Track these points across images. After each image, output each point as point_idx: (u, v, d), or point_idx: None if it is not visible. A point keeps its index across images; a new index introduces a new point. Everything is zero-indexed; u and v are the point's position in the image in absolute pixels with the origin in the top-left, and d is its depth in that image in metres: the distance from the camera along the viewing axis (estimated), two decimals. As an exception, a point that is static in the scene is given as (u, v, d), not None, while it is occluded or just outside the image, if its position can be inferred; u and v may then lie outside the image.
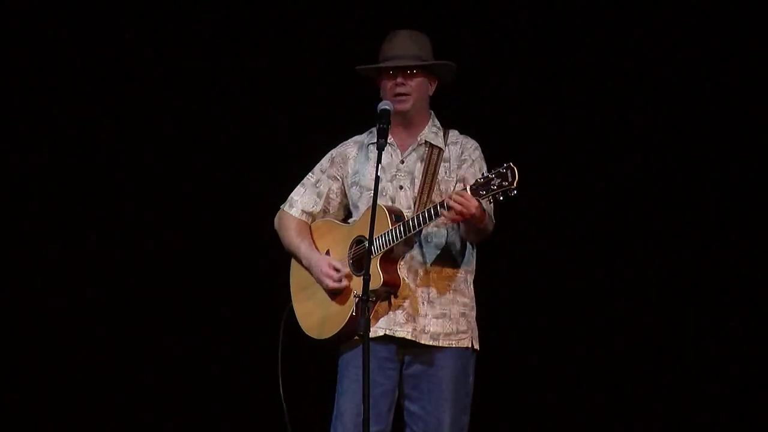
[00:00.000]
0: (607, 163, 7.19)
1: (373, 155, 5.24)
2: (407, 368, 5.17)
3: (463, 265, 5.21)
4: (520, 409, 7.15)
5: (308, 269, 5.29)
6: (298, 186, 5.44)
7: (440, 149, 5.24)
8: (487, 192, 4.84)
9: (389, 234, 5.05)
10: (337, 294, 5.21)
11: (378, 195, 4.98)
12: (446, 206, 4.90)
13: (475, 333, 5.23)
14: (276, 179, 5.81)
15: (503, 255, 6.58)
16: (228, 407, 7.30)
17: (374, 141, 5.24)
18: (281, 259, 5.45)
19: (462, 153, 5.25)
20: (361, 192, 5.28)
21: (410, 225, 5.02)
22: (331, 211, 5.40)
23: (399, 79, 5.18)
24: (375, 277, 5.00)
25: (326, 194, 5.38)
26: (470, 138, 5.32)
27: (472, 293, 5.26)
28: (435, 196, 5.16)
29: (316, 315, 5.26)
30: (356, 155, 5.36)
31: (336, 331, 5.17)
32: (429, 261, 5.16)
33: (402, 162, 5.26)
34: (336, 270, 5.17)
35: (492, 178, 4.83)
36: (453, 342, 5.16)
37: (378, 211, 4.99)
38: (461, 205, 4.88)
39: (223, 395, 7.30)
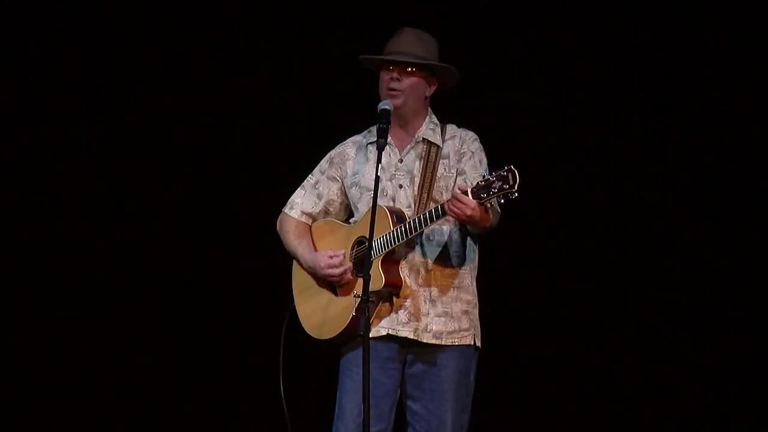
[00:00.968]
0: (609, 162, 7.18)
1: (372, 155, 5.26)
2: (410, 367, 5.17)
3: (466, 263, 5.22)
4: (521, 407, 7.15)
5: (309, 270, 5.30)
6: (299, 188, 5.44)
7: (438, 146, 5.25)
8: (488, 195, 4.84)
9: (390, 235, 5.06)
10: (339, 294, 5.23)
11: (378, 195, 4.99)
12: (446, 211, 4.92)
13: (478, 330, 5.23)
14: (280, 181, 5.80)
15: (505, 252, 6.60)
16: (229, 408, 7.30)
17: (372, 141, 5.27)
18: (283, 261, 5.45)
19: (461, 146, 5.26)
20: (361, 192, 5.29)
21: (412, 226, 5.03)
22: (333, 212, 5.41)
23: (395, 75, 5.19)
24: (377, 278, 5.02)
25: (326, 195, 5.39)
26: (468, 130, 5.33)
27: (475, 291, 5.26)
28: (435, 194, 5.17)
29: (318, 316, 5.27)
30: (355, 156, 5.36)
31: (338, 332, 5.17)
32: (431, 259, 5.17)
33: (400, 161, 5.27)
34: (333, 257, 5.18)
35: (493, 181, 4.82)
36: (456, 340, 5.16)
37: (379, 212, 4.99)
38: (460, 210, 4.89)
39: (225, 396, 7.29)
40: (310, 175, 5.44)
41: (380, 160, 5.04)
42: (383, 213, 5.08)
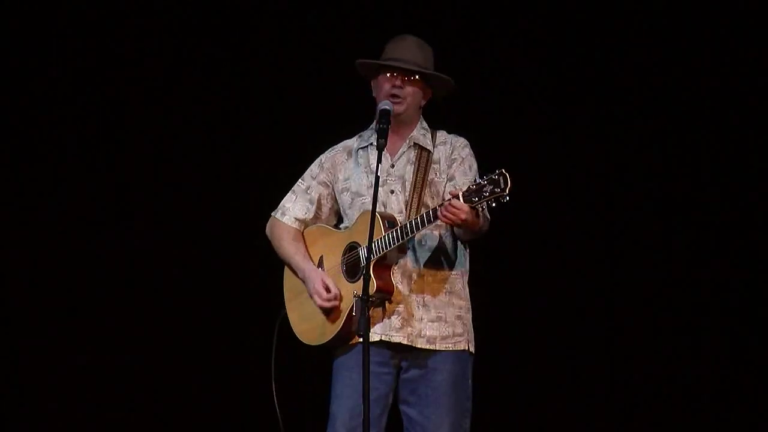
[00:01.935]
0: (602, 165, 7.19)
1: (363, 161, 5.26)
2: (404, 373, 5.17)
3: (457, 267, 5.22)
4: (518, 412, 7.15)
5: (302, 280, 5.30)
6: (289, 193, 5.43)
7: (429, 151, 5.24)
8: (480, 199, 4.83)
9: (382, 240, 5.05)
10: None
11: (368, 200, 4.99)
12: (438, 216, 4.91)
13: (471, 336, 5.23)
14: (270, 182, 5.80)
15: (497, 256, 6.59)
16: (222, 412, 7.29)
17: (363, 146, 5.28)
18: (274, 264, 5.44)
19: (452, 152, 5.26)
20: (352, 198, 5.28)
21: (403, 231, 5.02)
22: (323, 217, 5.39)
23: (398, 81, 5.20)
24: (369, 284, 5.00)
25: (317, 200, 5.38)
26: (459, 136, 5.33)
27: (468, 295, 5.26)
28: (426, 199, 5.17)
29: (310, 321, 5.26)
30: (345, 161, 5.35)
31: (330, 337, 5.17)
32: (422, 264, 5.17)
33: (392, 166, 5.26)
34: (327, 290, 5.18)
35: (484, 185, 4.81)
36: (450, 345, 5.16)
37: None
38: (453, 215, 4.89)
39: (217, 400, 7.29)
40: (301, 180, 5.42)
41: (380, 161, 5.02)
42: (375, 218, 5.06)
